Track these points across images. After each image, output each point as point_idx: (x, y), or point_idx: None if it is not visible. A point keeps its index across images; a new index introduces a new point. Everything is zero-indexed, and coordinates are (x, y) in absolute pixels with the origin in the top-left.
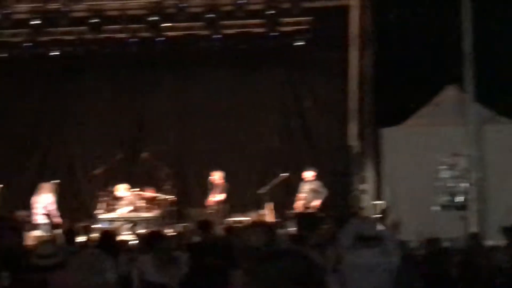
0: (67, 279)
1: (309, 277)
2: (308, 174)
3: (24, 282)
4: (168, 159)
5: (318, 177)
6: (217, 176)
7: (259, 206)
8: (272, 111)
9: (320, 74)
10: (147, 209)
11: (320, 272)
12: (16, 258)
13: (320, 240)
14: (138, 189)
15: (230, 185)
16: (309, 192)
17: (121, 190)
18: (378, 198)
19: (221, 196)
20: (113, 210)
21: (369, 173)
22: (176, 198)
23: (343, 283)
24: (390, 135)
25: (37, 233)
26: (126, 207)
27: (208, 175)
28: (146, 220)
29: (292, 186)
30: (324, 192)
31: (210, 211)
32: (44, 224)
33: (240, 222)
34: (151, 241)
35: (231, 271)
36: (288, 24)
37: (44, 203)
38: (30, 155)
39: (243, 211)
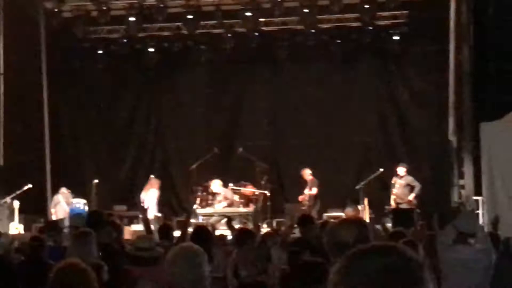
0: (163, 273)
1: (407, 273)
2: (401, 170)
3: (123, 276)
4: (263, 154)
5: (414, 172)
6: (306, 173)
7: (355, 201)
8: (368, 106)
9: (416, 68)
10: (243, 204)
11: (418, 268)
12: (114, 253)
13: (415, 236)
14: (232, 184)
15: (326, 181)
16: (401, 187)
17: (215, 185)
18: (477, 193)
19: (313, 191)
20: (208, 205)
21: (468, 168)
22: (271, 193)
23: (442, 280)
24: (489, 130)
25: (135, 227)
26: (222, 203)
27: (303, 170)
28: (242, 215)
29: (387, 182)
30: (417, 185)
31: (303, 207)
32: (151, 218)
33: (335, 217)
34: (245, 236)
35: (329, 267)
36: (384, 17)
37: (151, 197)
38: (125, 151)
39: (339, 206)
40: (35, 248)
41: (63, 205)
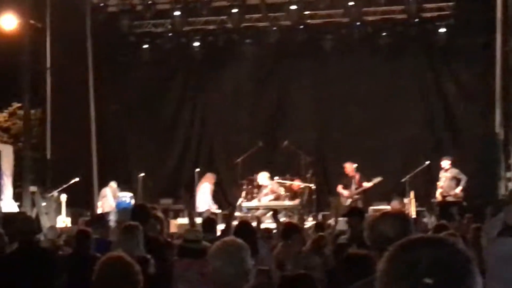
0: (207, 266)
1: (456, 266)
2: (445, 163)
3: (169, 269)
4: (309, 147)
5: (461, 165)
6: (348, 168)
7: (401, 194)
8: (414, 99)
9: (463, 60)
10: (288, 198)
11: (467, 262)
12: (160, 246)
13: (460, 229)
14: (278, 178)
15: (372, 174)
16: (447, 180)
17: (262, 178)
18: None
19: (368, 184)
20: (253, 198)
21: None
22: (316, 187)
23: (487, 272)
24: None
25: (180, 220)
26: (269, 196)
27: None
28: (287, 209)
29: (434, 175)
30: (463, 178)
31: (352, 200)
32: (205, 211)
33: (379, 211)
34: (291, 230)
35: (376, 260)
36: (430, 9)
37: (205, 191)
38: (171, 144)
39: (385, 199)
40: (81, 241)
41: (110, 199)
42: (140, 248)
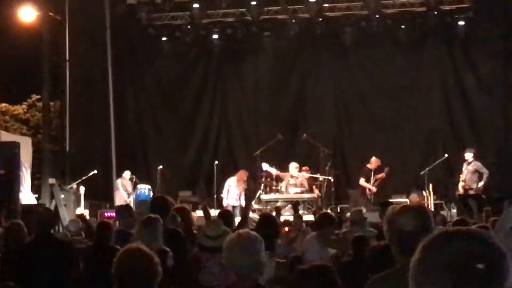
0: (221, 258)
1: (490, 260)
2: (468, 155)
3: (188, 261)
4: (327, 140)
5: (479, 157)
6: (374, 162)
7: (420, 187)
8: (433, 91)
9: (482, 53)
10: (307, 190)
11: (502, 257)
12: (179, 238)
13: (479, 222)
14: (297, 170)
15: (391, 166)
16: (469, 173)
17: (292, 168)
18: None
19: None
20: (272, 191)
21: None
22: (335, 179)
23: None
24: None
25: (199, 212)
26: (296, 188)
27: (367, 156)
28: (306, 201)
29: (452, 167)
30: (485, 172)
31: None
32: (235, 206)
33: (399, 204)
34: (326, 220)
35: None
36: (449, 2)
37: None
38: (190, 137)
39: (404, 192)
40: (102, 233)
41: (122, 191)
42: (159, 241)
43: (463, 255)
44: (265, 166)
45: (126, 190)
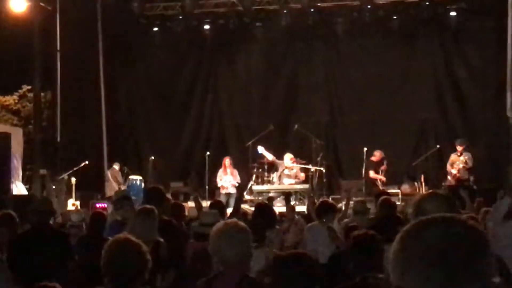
0: (207, 247)
1: (470, 242)
2: (459, 147)
3: (182, 252)
4: (319, 131)
5: (471, 149)
6: (378, 155)
7: (412, 178)
8: (425, 82)
9: (474, 44)
10: (302, 182)
11: (482, 239)
12: (174, 229)
13: (471, 213)
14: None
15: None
16: (460, 164)
17: (287, 159)
18: None
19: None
20: (264, 182)
21: None
22: (326, 170)
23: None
24: None
25: (191, 203)
26: (291, 179)
27: (359, 146)
28: (298, 192)
29: (444, 158)
30: (470, 164)
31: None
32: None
33: (391, 194)
34: (322, 210)
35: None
36: None
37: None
38: (182, 127)
39: (396, 183)
40: (95, 223)
41: (112, 183)
42: (154, 232)
43: (441, 239)
44: (260, 149)
45: (116, 181)
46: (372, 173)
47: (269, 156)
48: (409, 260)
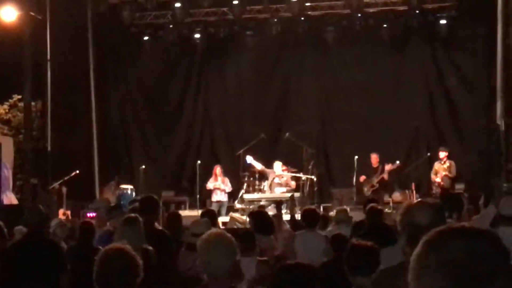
0: (196, 258)
1: (494, 260)
2: (442, 154)
3: (173, 261)
4: (310, 139)
5: (462, 156)
6: (374, 158)
7: (403, 186)
8: (416, 90)
9: (465, 51)
10: (293, 189)
11: (506, 257)
12: (166, 238)
13: (463, 220)
14: (287, 168)
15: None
16: (443, 171)
17: (277, 167)
18: None
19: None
20: (255, 190)
21: None
22: (318, 178)
23: None
24: None
25: (182, 213)
26: (282, 188)
27: (350, 155)
28: (289, 200)
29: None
30: (454, 172)
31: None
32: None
33: (383, 202)
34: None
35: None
36: (431, 1)
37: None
38: (173, 136)
39: (387, 191)
40: (84, 233)
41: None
42: (141, 240)
43: (464, 253)
44: (249, 159)
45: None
46: (362, 179)
47: (258, 166)
48: (430, 266)
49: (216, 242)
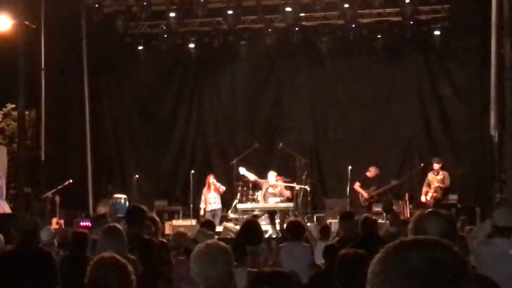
0: (189, 267)
1: (451, 267)
2: (436, 165)
3: (160, 270)
4: (304, 149)
5: (456, 166)
6: (373, 171)
7: (396, 196)
8: (410, 100)
9: (458, 62)
10: (287, 200)
11: (463, 264)
12: (155, 248)
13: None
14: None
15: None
16: (437, 182)
17: (271, 177)
18: None
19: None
20: (249, 200)
21: (509, 163)
22: (311, 188)
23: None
24: None
25: (175, 222)
26: (276, 198)
27: (344, 164)
28: (282, 211)
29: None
30: (447, 182)
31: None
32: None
33: (376, 212)
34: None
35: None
36: (425, 12)
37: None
38: (167, 146)
39: (380, 201)
40: (77, 243)
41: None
42: (124, 249)
43: (425, 263)
44: (242, 171)
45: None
46: (357, 186)
47: (251, 177)
48: (391, 281)
49: (214, 252)
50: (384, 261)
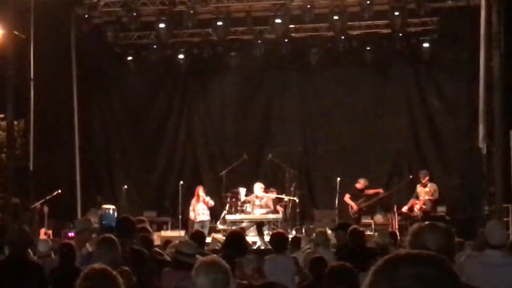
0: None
1: (442, 284)
2: (424, 177)
3: (154, 280)
4: (293, 161)
5: (444, 179)
6: (362, 183)
7: (385, 208)
8: (399, 112)
9: (447, 75)
10: (273, 211)
11: (454, 281)
12: (144, 258)
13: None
14: (269, 190)
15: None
16: (425, 195)
17: (257, 189)
18: (507, 201)
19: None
20: (237, 211)
21: (498, 175)
22: (300, 200)
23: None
24: None
25: (164, 233)
26: (262, 209)
27: (332, 176)
28: (271, 222)
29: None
30: (436, 195)
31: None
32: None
33: (364, 224)
34: (277, 242)
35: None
36: (414, 24)
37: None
38: (156, 157)
39: (369, 213)
40: (65, 254)
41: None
42: (118, 260)
43: (414, 280)
44: (242, 191)
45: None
46: (347, 198)
47: (243, 197)
48: None
49: (208, 266)
50: (376, 274)
